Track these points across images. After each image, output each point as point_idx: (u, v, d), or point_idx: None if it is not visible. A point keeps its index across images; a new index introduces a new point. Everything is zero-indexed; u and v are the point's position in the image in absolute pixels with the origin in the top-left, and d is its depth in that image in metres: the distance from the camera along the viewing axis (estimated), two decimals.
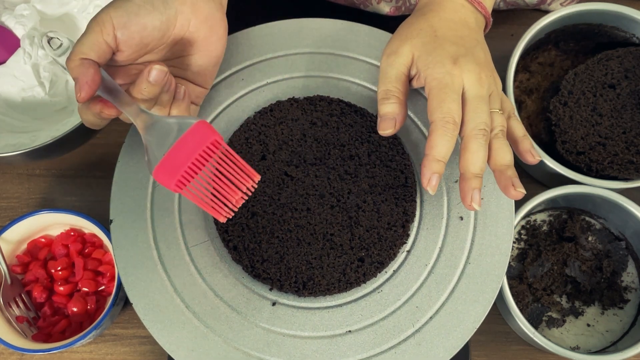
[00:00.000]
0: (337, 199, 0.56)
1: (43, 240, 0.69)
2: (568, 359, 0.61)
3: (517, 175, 0.51)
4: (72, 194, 0.74)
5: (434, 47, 0.52)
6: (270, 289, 0.55)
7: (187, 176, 0.46)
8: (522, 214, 0.65)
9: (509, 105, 0.56)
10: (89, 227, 0.67)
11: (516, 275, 0.68)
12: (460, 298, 0.54)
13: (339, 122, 0.59)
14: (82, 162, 0.75)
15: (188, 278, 0.55)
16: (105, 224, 0.63)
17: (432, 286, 0.54)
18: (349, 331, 0.53)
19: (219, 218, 0.47)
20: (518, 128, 0.55)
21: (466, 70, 0.51)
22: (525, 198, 0.64)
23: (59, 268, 0.67)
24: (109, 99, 0.49)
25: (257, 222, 0.56)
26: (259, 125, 0.60)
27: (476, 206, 0.50)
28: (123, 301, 0.67)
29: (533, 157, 0.54)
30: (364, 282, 0.55)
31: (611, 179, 0.66)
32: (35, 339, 0.65)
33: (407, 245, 0.56)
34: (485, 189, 0.57)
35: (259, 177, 0.48)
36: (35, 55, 0.69)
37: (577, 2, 0.74)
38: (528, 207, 0.65)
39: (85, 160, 0.75)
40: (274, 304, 0.54)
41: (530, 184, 0.73)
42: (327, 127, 0.59)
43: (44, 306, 0.66)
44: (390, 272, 0.55)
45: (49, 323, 0.65)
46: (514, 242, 0.69)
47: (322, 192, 0.57)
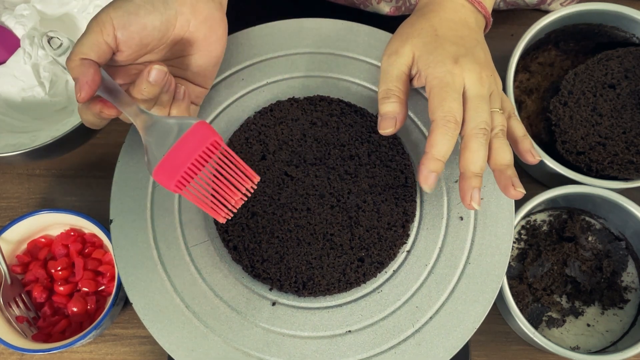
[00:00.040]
0: (337, 199, 0.56)
1: (43, 240, 0.69)
2: (568, 359, 0.61)
3: (517, 175, 0.51)
4: (72, 194, 0.74)
5: (434, 47, 0.52)
6: (270, 289, 0.55)
7: (186, 177, 0.46)
8: (522, 214, 0.65)
9: (509, 105, 0.56)
10: (89, 227, 0.67)
11: (516, 275, 0.68)
12: (460, 298, 0.54)
13: (339, 122, 0.59)
14: (82, 162, 0.75)
15: (188, 278, 0.55)
16: (105, 224, 0.63)
17: (432, 286, 0.54)
18: (349, 331, 0.53)
19: (219, 219, 0.48)
20: (518, 128, 0.55)
21: (467, 70, 0.51)
22: (525, 198, 0.64)
23: (59, 268, 0.67)
24: (109, 99, 0.49)
25: (257, 222, 0.56)
26: (259, 125, 0.60)
27: (475, 205, 0.50)
28: (123, 301, 0.67)
29: (533, 157, 0.54)
30: (363, 282, 0.55)
31: (611, 179, 0.66)
32: (35, 339, 0.65)
33: (407, 246, 0.56)
34: (485, 189, 0.57)
35: (258, 178, 0.48)
36: (35, 55, 0.69)
37: (577, 2, 0.74)
38: (528, 207, 0.65)
39: (85, 160, 0.75)
40: (273, 304, 0.54)
41: (530, 184, 0.73)
42: (327, 127, 0.59)
43: (44, 306, 0.66)
44: (390, 272, 0.55)
45: (49, 323, 0.65)
46: (514, 242, 0.69)
47: (322, 192, 0.57)
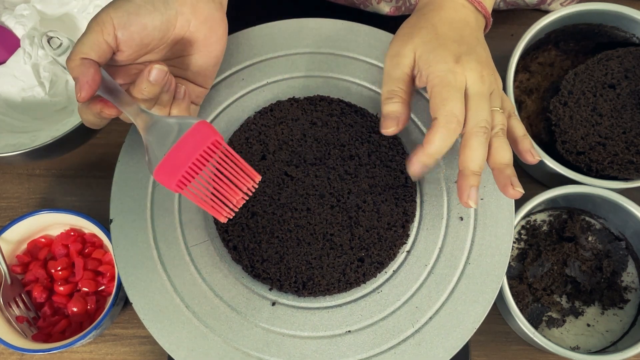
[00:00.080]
0: (337, 199, 0.56)
1: (43, 240, 0.69)
2: (568, 359, 0.61)
3: (516, 174, 0.51)
4: (72, 194, 0.74)
5: (435, 46, 0.52)
6: (270, 289, 0.55)
7: (187, 176, 0.46)
8: (522, 214, 0.65)
9: (509, 105, 0.56)
10: (89, 227, 0.67)
11: (516, 275, 0.68)
12: (460, 298, 0.54)
13: (339, 122, 0.59)
14: (82, 162, 0.75)
15: (188, 278, 0.55)
16: (105, 224, 0.63)
17: (431, 286, 0.54)
18: (349, 331, 0.53)
19: (220, 218, 0.47)
20: (518, 127, 0.55)
21: (468, 69, 0.51)
22: (525, 198, 0.64)
23: (59, 268, 0.67)
24: (109, 98, 0.49)
25: (257, 222, 0.56)
26: (259, 125, 0.60)
27: (472, 204, 0.50)
28: (123, 301, 0.67)
29: (533, 156, 0.54)
30: (363, 282, 0.55)
31: (611, 179, 0.66)
32: (35, 339, 0.64)
33: (407, 246, 0.56)
34: (486, 190, 0.57)
35: (259, 177, 0.48)
36: (35, 55, 0.69)
37: (577, 2, 0.74)
38: (528, 207, 0.65)
39: (85, 160, 0.75)
40: (273, 304, 0.54)
41: (530, 184, 0.73)
42: (327, 127, 0.59)
43: (44, 306, 0.66)
44: (390, 272, 0.55)
45: (49, 323, 0.65)
46: (514, 242, 0.69)
47: (322, 192, 0.57)
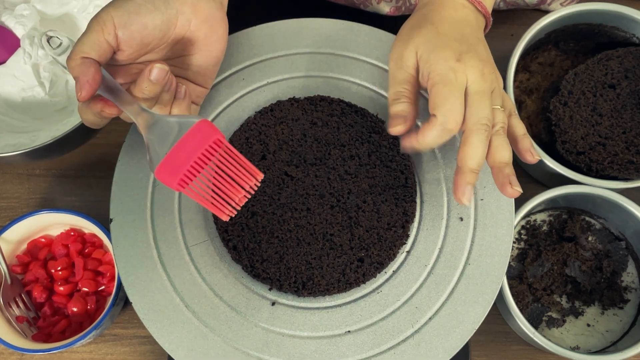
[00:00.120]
0: (337, 199, 0.56)
1: (43, 240, 0.69)
2: (568, 359, 0.61)
3: (515, 173, 0.51)
4: (72, 194, 0.74)
5: (436, 45, 0.52)
6: (270, 289, 0.55)
7: (189, 175, 0.46)
8: (522, 214, 0.65)
9: (509, 104, 0.56)
10: (89, 227, 0.67)
11: (516, 275, 0.68)
12: (460, 299, 0.54)
13: (339, 122, 0.59)
14: (82, 162, 0.75)
15: (188, 277, 0.55)
16: (105, 224, 0.63)
17: (431, 287, 0.54)
18: (348, 331, 0.53)
19: (222, 216, 0.47)
20: (518, 126, 0.55)
21: (469, 66, 0.51)
22: (525, 198, 0.64)
23: (59, 268, 0.67)
24: (109, 98, 0.49)
25: (257, 221, 0.56)
26: (260, 125, 0.60)
27: (466, 201, 0.50)
28: (123, 301, 0.67)
29: (532, 156, 0.54)
30: (363, 283, 0.55)
31: (611, 179, 0.66)
32: (35, 339, 0.64)
33: (407, 246, 0.56)
34: (486, 190, 0.57)
35: (262, 175, 0.48)
36: (35, 55, 0.69)
37: (577, 2, 0.74)
38: (528, 207, 0.65)
39: (85, 160, 0.75)
40: (273, 303, 0.54)
41: (530, 184, 0.73)
42: (327, 127, 0.59)
43: (44, 306, 0.66)
44: (389, 272, 0.55)
45: (49, 323, 0.65)
46: (514, 242, 0.69)
47: (322, 192, 0.57)
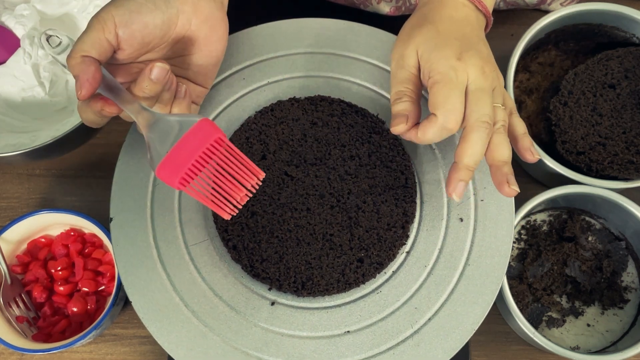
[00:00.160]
0: (337, 199, 0.56)
1: (43, 240, 0.69)
2: (568, 359, 0.61)
3: (513, 172, 0.51)
4: (72, 194, 0.74)
5: (436, 43, 0.52)
6: (269, 289, 0.55)
7: (190, 173, 0.46)
8: (522, 214, 0.65)
9: (510, 102, 0.56)
10: (89, 227, 0.67)
11: (516, 275, 0.68)
12: (460, 299, 0.54)
13: (339, 123, 0.59)
14: (82, 162, 0.75)
15: (187, 277, 0.55)
16: (105, 224, 0.63)
17: (431, 287, 0.54)
18: (348, 332, 0.53)
19: (223, 215, 0.47)
20: (519, 125, 0.55)
21: (470, 65, 0.50)
22: (525, 198, 0.64)
23: (59, 268, 0.67)
24: (110, 97, 0.49)
25: (257, 221, 0.56)
26: (260, 125, 0.60)
27: (456, 197, 0.50)
28: (123, 301, 0.67)
29: (532, 155, 0.54)
30: (363, 283, 0.55)
31: (611, 179, 0.66)
32: (35, 339, 0.65)
33: (407, 246, 0.56)
34: (486, 191, 0.57)
35: (263, 174, 0.48)
36: (35, 55, 0.69)
37: (577, 2, 0.74)
38: (528, 207, 0.65)
39: (85, 160, 0.75)
40: (272, 303, 0.54)
41: (530, 184, 0.73)
42: (327, 127, 0.59)
43: (44, 306, 0.66)
44: (389, 273, 0.55)
45: (49, 323, 0.65)
46: (514, 242, 0.69)
47: (322, 192, 0.57)
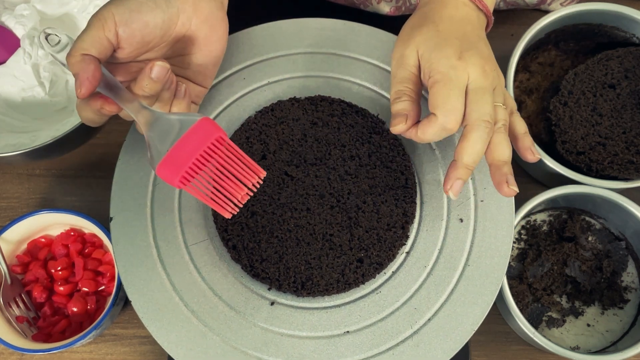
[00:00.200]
0: (337, 199, 0.56)
1: (43, 240, 0.69)
2: (568, 359, 0.61)
3: (513, 172, 0.51)
4: (72, 194, 0.74)
5: (437, 43, 0.52)
6: (269, 289, 0.55)
7: (191, 172, 0.46)
8: (522, 214, 0.65)
9: (511, 102, 0.55)
10: (89, 227, 0.67)
11: (516, 275, 0.68)
12: (459, 300, 0.54)
13: (339, 123, 0.59)
14: (82, 162, 0.75)
15: (187, 277, 0.55)
16: (105, 224, 0.63)
17: (431, 288, 0.54)
18: (347, 332, 0.53)
19: (224, 214, 0.47)
20: (520, 125, 0.55)
21: (471, 64, 0.50)
22: (525, 198, 0.64)
23: (59, 268, 0.67)
24: (109, 95, 0.49)
25: (257, 221, 0.56)
26: (260, 125, 0.60)
27: (452, 195, 0.50)
28: (123, 301, 0.67)
29: (533, 154, 0.54)
30: (362, 283, 0.55)
31: (611, 179, 0.66)
32: (35, 339, 0.65)
33: (407, 247, 0.56)
34: (486, 191, 0.57)
35: (264, 173, 0.47)
36: (35, 55, 0.69)
37: (577, 2, 0.74)
38: (528, 207, 0.65)
39: (85, 160, 0.75)
40: (272, 303, 0.54)
41: (530, 184, 0.73)
42: (327, 127, 0.59)
43: (44, 306, 0.66)
44: (389, 273, 0.55)
45: (49, 323, 0.65)
46: (514, 242, 0.69)
47: (322, 192, 0.57)
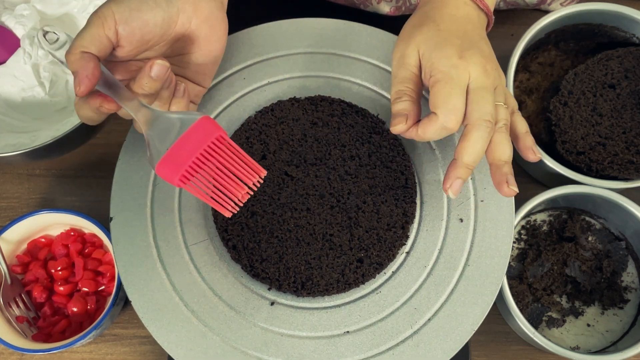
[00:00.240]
0: (337, 199, 0.56)
1: (43, 240, 0.69)
2: (568, 359, 0.61)
3: (513, 172, 0.51)
4: (72, 194, 0.74)
5: (438, 42, 0.52)
6: (269, 289, 0.55)
7: (191, 171, 0.45)
8: (522, 214, 0.65)
9: (512, 101, 0.55)
10: (89, 227, 0.67)
11: (516, 275, 0.68)
12: (459, 300, 0.54)
13: (339, 123, 0.59)
14: (82, 162, 0.75)
15: (187, 277, 0.55)
16: (105, 224, 0.63)
17: (431, 288, 0.54)
18: (347, 332, 0.53)
19: (225, 213, 0.47)
20: (521, 124, 0.55)
21: (472, 63, 0.50)
22: (525, 198, 0.64)
23: (59, 268, 0.67)
24: (108, 93, 0.49)
25: (257, 221, 0.56)
26: (260, 125, 0.60)
27: (451, 194, 0.50)
28: (123, 301, 0.67)
29: (534, 154, 0.54)
30: (362, 283, 0.55)
31: (611, 179, 0.66)
32: (35, 339, 0.65)
33: (407, 247, 0.56)
34: (486, 192, 0.57)
35: (264, 172, 0.47)
36: (35, 55, 0.69)
37: (577, 2, 0.74)
38: (528, 207, 0.65)
39: (85, 160, 0.75)
40: (272, 303, 0.54)
41: (530, 184, 0.73)
42: (327, 127, 0.59)
43: (44, 306, 0.66)
44: (389, 273, 0.55)
45: (49, 323, 0.65)
46: (514, 242, 0.69)
47: (322, 192, 0.57)
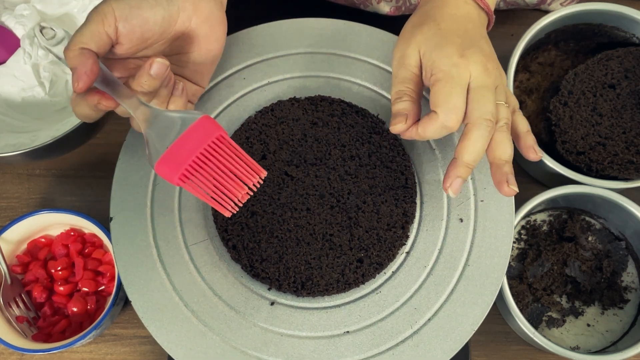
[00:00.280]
0: (337, 199, 0.56)
1: (43, 240, 0.69)
2: (568, 359, 0.61)
3: (513, 172, 0.51)
4: (72, 194, 0.74)
5: (438, 41, 0.52)
6: (269, 289, 0.55)
7: (190, 170, 0.45)
8: (522, 214, 0.65)
9: (513, 100, 0.55)
10: (89, 227, 0.67)
11: (516, 275, 0.68)
12: (459, 300, 0.54)
13: (339, 123, 0.59)
14: (82, 162, 0.75)
15: (187, 276, 0.55)
16: (105, 224, 0.63)
17: (430, 288, 0.54)
18: (347, 332, 0.53)
19: (224, 212, 0.47)
20: (522, 123, 0.55)
21: (473, 62, 0.50)
22: (525, 198, 0.64)
23: (59, 268, 0.67)
24: (107, 91, 0.48)
25: (257, 221, 0.56)
26: (260, 125, 0.60)
27: (451, 193, 0.50)
28: (123, 301, 0.67)
29: (535, 153, 0.54)
30: (362, 283, 0.55)
31: (611, 179, 0.66)
32: (35, 339, 0.65)
33: (407, 247, 0.56)
34: (486, 192, 0.57)
35: (265, 172, 0.47)
36: (35, 55, 0.69)
37: (577, 2, 0.74)
38: (528, 207, 0.65)
39: (85, 160, 0.75)
40: (272, 303, 0.54)
41: (530, 184, 0.73)
42: (327, 128, 0.59)
43: (44, 306, 0.66)
44: (389, 273, 0.55)
45: (49, 323, 0.65)
46: (514, 242, 0.69)
47: (322, 192, 0.57)
